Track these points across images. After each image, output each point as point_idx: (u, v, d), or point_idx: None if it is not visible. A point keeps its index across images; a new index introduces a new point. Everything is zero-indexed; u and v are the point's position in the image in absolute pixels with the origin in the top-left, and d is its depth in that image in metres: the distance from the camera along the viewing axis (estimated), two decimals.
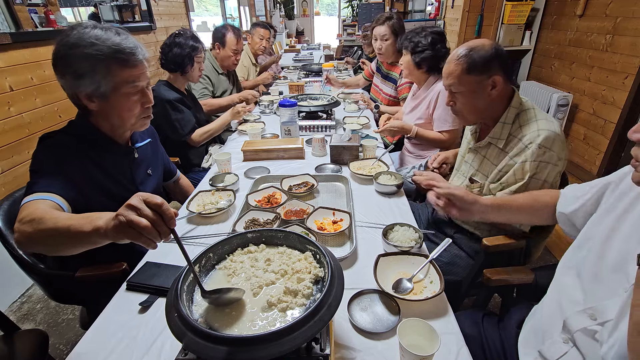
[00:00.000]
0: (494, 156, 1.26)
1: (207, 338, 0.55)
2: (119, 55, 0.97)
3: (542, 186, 1.14)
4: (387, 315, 0.86)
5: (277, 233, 0.82)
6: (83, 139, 1.08)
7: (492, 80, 1.17)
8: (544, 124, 1.13)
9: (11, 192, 1.22)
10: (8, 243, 1.11)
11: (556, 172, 1.14)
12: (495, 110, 1.23)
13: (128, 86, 1.02)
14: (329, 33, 11.90)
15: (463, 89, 1.22)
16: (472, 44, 1.19)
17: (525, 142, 1.14)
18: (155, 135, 1.41)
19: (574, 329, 0.73)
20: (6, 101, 2.02)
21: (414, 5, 5.40)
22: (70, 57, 0.94)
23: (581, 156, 3.13)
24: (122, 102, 1.03)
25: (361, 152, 1.72)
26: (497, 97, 1.20)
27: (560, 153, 1.12)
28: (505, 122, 1.21)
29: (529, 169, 1.12)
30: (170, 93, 1.94)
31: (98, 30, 0.96)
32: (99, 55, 0.94)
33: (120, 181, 1.16)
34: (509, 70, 1.19)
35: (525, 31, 3.60)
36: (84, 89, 0.98)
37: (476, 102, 1.22)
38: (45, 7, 2.44)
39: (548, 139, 1.10)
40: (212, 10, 10.00)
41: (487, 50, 1.16)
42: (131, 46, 0.99)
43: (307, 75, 3.72)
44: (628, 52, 2.58)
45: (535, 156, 1.11)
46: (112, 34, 0.98)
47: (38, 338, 1.11)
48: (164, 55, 1.95)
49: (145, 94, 1.08)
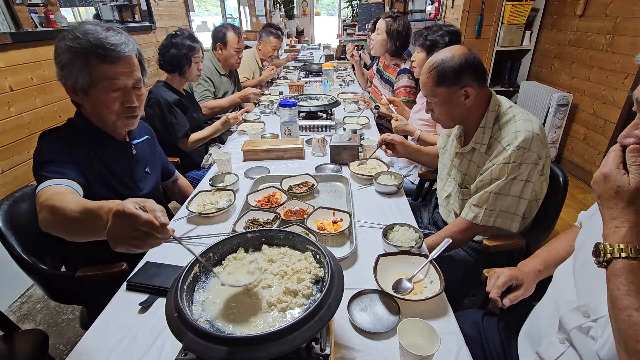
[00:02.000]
0: (479, 160, 1.26)
1: (207, 338, 0.55)
2: (97, 50, 0.97)
3: (525, 186, 1.15)
4: (387, 315, 0.86)
5: (277, 233, 0.82)
6: (83, 133, 1.10)
7: (464, 91, 1.18)
8: (522, 125, 1.13)
9: (11, 192, 1.22)
10: (8, 243, 1.11)
11: (537, 171, 1.14)
12: (474, 116, 1.23)
13: (106, 82, 1.01)
14: (329, 33, 11.89)
15: (436, 100, 1.24)
16: (442, 56, 1.19)
17: (503, 144, 1.15)
18: (153, 134, 1.42)
19: (568, 327, 0.73)
20: (6, 101, 2.02)
21: (414, 5, 5.40)
22: (57, 49, 0.98)
23: (581, 156, 3.13)
24: (101, 97, 1.03)
25: (361, 152, 1.72)
26: (473, 105, 1.21)
27: (540, 152, 1.12)
28: (486, 126, 1.21)
29: (509, 170, 1.13)
30: (169, 94, 1.94)
31: (90, 26, 0.98)
32: (77, 47, 0.96)
33: (120, 176, 1.17)
34: (482, 77, 1.19)
35: (525, 31, 3.61)
36: (66, 81, 1.01)
37: (451, 111, 1.24)
38: (45, 7, 2.44)
39: (526, 140, 1.10)
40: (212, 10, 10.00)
41: (456, 62, 1.15)
42: (113, 42, 0.98)
43: (307, 75, 3.71)
44: (628, 52, 2.58)
45: (514, 158, 1.11)
46: (101, 29, 0.98)
47: (38, 338, 1.11)
48: (162, 56, 1.94)
49: (127, 94, 1.06)
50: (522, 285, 0.93)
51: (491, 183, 1.17)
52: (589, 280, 0.73)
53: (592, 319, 0.69)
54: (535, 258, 1.01)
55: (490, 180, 1.17)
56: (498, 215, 1.19)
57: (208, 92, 2.50)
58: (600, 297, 0.67)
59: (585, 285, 0.74)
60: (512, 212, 1.18)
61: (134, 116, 1.12)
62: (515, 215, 1.18)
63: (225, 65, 2.65)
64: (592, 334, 0.69)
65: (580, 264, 0.77)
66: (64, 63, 0.98)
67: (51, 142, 1.04)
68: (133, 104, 1.08)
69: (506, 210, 1.18)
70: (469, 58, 1.16)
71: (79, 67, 0.98)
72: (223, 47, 2.57)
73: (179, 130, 1.93)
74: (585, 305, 0.71)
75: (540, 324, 0.85)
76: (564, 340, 0.75)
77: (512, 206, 1.17)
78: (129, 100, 1.07)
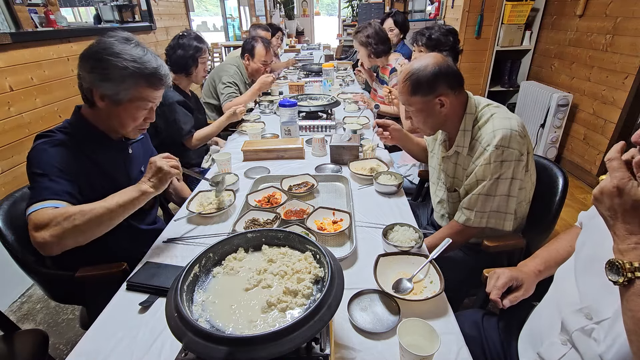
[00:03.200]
0: (464, 162, 1.27)
1: (207, 338, 0.55)
2: (152, 78, 1.08)
3: (512, 184, 1.15)
4: (387, 315, 0.86)
5: (277, 233, 0.82)
6: (79, 135, 1.11)
7: (439, 100, 1.18)
8: (499, 123, 1.14)
9: (11, 192, 1.22)
10: (8, 243, 1.11)
11: (521, 167, 1.14)
12: (453, 121, 1.24)
13: (143, 102, 1.11)
14: (329, 33, 11.90)
15: (413, 109, 1.25)
16: (417, 64, 1.19)
17: (484, 144, 1.15)
18: (147, 135, 1.42)
19: (571, 329, 0.73)
20: (6, 101, 2.02)
21: (414, 5, 5.40)
22: (107, 62, 1.01)
23: (581, 156, 3.13)
24: (130, 112, 1.11)
25: (361, 152, 1.72)
26: (450, 113, 1.21)
27: (521, 148, 1.12)
28: (465, 129, 1.22)
29: (492, 170, 1.13)
30: (174, 94, 1.95)
31: (140, 50, 1.06)
32: (136, 71, 1.04)
33: (116, 177, 1.18)
34: (458, 84, 1.20)
35: (525, 31, 3.61)
36: (103, 90, 1.04)
37: (427, 120, 1.25)
38: (45, 7, 2.44)
39: (504, 138, 1.10)
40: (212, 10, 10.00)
41: (429, 71, 1.16)
42: (164, 73, 1.11)
43: (307, 75, 3.71)
44: (628, 52, 2.58)
45: (495, 157, 1.12)
46: (151, 56, 1.09)
47: (38, 338, 1.11)
48: (168, 57, 1.97)
49: (152, 112, 1.17)
50: (522, 285, 0.93)
51: (477, 185, 1.18)
52: (590, 282, 0.72)
53: (595, 321, 0.69)
54: (535, 258, 1.00)
55: (476, 182, 1.18)
56: (490, 216, 1.19)
57: (235, 93, 2.50)
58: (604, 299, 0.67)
59: (587, 286, 0.73)
60: (504, 212, 1.19)
61: (146, 128, 1.22)
62: (507, 214, 1.19)
63: (250, 75, 2.67)
64: (595, 336, 0.68)
65: (582, 265, 0.77)
66: (110, 77, 1.02)
67: (45, 149, 1.03)
68: (153, 120, 1.19)
69: (497, 210, 1.19)
70: (443, 67, 1.16)
71: (127, 86, 1.04)
72: (250, 58, 2.60)
73: (183, 127, 1.94)
74: (588, 307, 0.71)
75: (541, 324, 0.85)
76: (565, 342, 0.75)
77: (502, 206, 1.18)
78: (151, 117, 1.18)
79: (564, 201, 1.25)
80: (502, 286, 0.91)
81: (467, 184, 1.21)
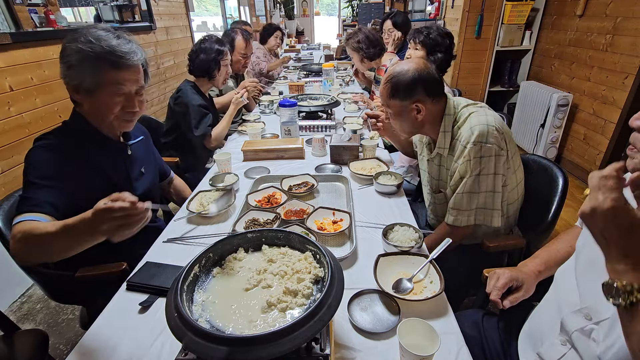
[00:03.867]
0: (447, 163, 1.28)
1: (207, 338, 0.55)
2: (109, 56, 1.01)
3: (495, 179, 1.15)
4: (387, 315, 0.86)
5: (277, 233, 0.82)
6: (77, 137, 1.10)
7: (415, 105, 1.20)
8: (476, 119, 1.15)
9: (11, 192, 1.22)
10: (8, 243, 1.10)
11: (502, 162, 1.14)
12: (432, 125, 1.26)
13: (113, 87, 1.04)
14: (329, 33, 11.89)
15: (390, 111, 1.27)
16: (399, 68, 1.21)
17: (463, 142, 1.16)
18: (148, 135, 1.42)
19: (570, 329, 0.73)
20: (6, 101, 2.02)
21: (414, 5, 5.41)
22: (66, 49, 1.00)
23: (581, 156, 3.13)
24: (104, 100, 1.06)
25: (361, 152, 1.72)
26: (427, 118, 1.22)
27: (499, 143, 1.12)
28: (445, 130, 1.24)
29: (472, 167, 1.14)
30: (197, 97, 2.00)
31: (102, 32, 1.02)
32: (89, 51, 0.99)
33: (115, 178, 1.17)
34: (436, 92, 1.21)
35: (525, 31, 3.61)
36: (71, 80, 1.03)
37: (403, 123, 1.27)
38: (45, 7, 2.44)
39: (482, 134, 1.11)
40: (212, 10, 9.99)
41: (409, 77, 1.17)
42: (124, 50, 1.03)
43: (307, 75, 3.71)
44: (628, 52, 2.58)
45: (474, 153, 1.13)
46: (112, 36, 1.02)
47: (38, 338, 1.11)
48: (192, 62, 2.02)
49: (130, 99, 1.09)
50: (522, 286, 0.93)
51: (460, 183, 1.19)
52: (591, 283, 0.72)
53: (595, 322, 0.69)
54: (535, 258, 1.00)
55: (460, 179, 1.19)
56: (477, 213, 1.20)
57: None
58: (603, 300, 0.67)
59: (587, 287, 0.73)
60: (490, 208, 1.19)
61: (132, 120, 1.15)
62: (493, 210, 1.19)
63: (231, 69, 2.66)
64: (594, 336, 0.68)
65: (582, 266, 0.77)
66: (72, 64, 1.00)
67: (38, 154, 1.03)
68: (134, 109, 1.11)
69: (483, 207, 1.19)
70: (423, 74, 1.18)
71: (87, 69, 1.00)
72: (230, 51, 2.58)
73: (203, 128, 1.98)
74: (588, 308, 0.71)
75: (541, 324, 0.85)
76: (565, 342, 0.75)
77: (488, 202, 1.18)
78: (131, 106, 1.10)
79: (564, 201, 1.25)
80: (502, 287, 0.91)
81: (452, 184, 1.22)
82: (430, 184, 1.40)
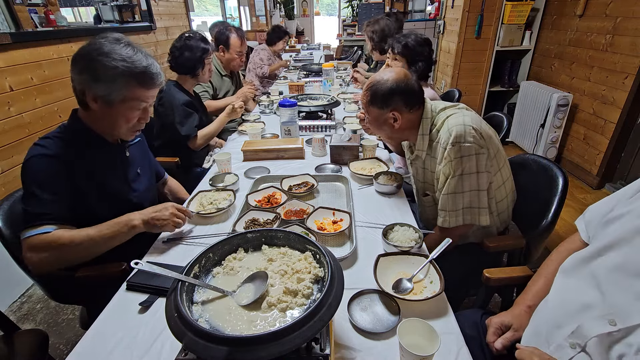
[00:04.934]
0: (430, 165, 1.29)
1: (207, 338, 0.55)
2: (143, 77, 1.07)
3: (479, 178, 1.15)
4: (387, 315, 0.86)
5: (277, 233, 0.82)
6: (76, 140, 1.11)
7: (392, 114, 1.23)
8: (453, 120, 1.16)
9: (11, 192, 1.22)
10: (8, 243, 1.11)
11: (483, 160, 1.15)
12: (411, 131, 1.28)
13: (135, 102, 1.10)
14: (329, 33, 11.89)
15: (369, 117, 1.31)
16: (379, 77, 1.24)
17: (443, 145, 1.17)
18: (143, 137, 1.42)
19: (589, 335, 0.70)
20: (6, 101, 2.02)
21: (414, 5, 5.41)
22: (97, 62, 1.02)
23: (581, 156, 3.13)
24: (123, 112, 1.10)
25: (361, 152, 1.72)
26: (403, 126, 1.25)
27: (479, 141, 1.13)
28: (423, 133, 1.25)
29: (454, 167, 1.15)
30: (180, 95, 1.96)
31: (130, 50, 1.06)
32: (125, 70, 1.03)
33: (113, 179, 1.18)
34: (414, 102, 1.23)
35: (525, 31, 3.61)
36: (95, 91, 1.04)
37: (381, 129, 1.31)
38: (45, 7, 2.44)
39: (459, 134, 1.12)
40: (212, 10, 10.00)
41: (387, 86, 1.20)
42: (154, 72, 1.10)
43: (307, 75, 3.71)
44: (628, 52, 2.58)
45: (453, 154, 1.13)
46: (141, 56, 1.08)
47: (38, 338, 1.11)
48: (174, 58, 1.97)
49: (145, 112, 1.16)
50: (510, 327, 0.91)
51: (446, 181, 1.19)
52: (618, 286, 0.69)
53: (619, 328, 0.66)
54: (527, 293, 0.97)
55: (445, 181, 1.19)
56: (464, 212, 1.20)
57: (206, 93, 2.49)
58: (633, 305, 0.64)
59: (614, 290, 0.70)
60: (477, 207, 1.19)
61: (139, 130, 1.21)
62: (480, 208, 1.19)
63: (226, 67, 2.66)
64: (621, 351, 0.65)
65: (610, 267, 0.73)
66: (101, 78, 1.02)
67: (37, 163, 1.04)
68: (147, 121, 1.18)
69: (469, 207, 1.19)
70: (401, 85, 1.20)
71: (118, 85, 1.04)
72: (225, 50, 2.58)
73: (189, 127, 1.96)
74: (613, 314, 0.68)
75: (545, 325, 0.84)
76: (575, 345, 0.73)
77: (473, 201, 1.18)
78: (145, 118, 1.17)
79: (564, 201, 1.24)
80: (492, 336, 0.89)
81: (440, 186, 1.23)
82: (416, 186, 1.41)
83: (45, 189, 1.02)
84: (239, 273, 0.76)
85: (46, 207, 1.01)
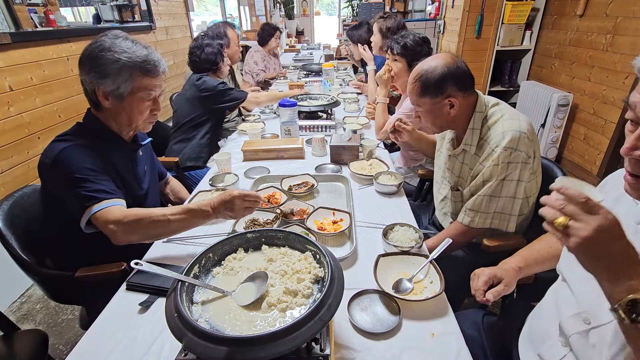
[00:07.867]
0: (470, 161, 1.27)
1: (207, 338, 0.55)
2: (145, 65, 1.10)
3: (518, 186, 1.15)
4: (387, 316, 0.86)
5: (277, 233, 0.82)
6: (94, 136, 1.14)
7: (448, 101, 1.18)
8: (509, 124, 1.14)
9: (11, 192, 1.22)
10: (8, 243, 1.10)
11: (527, 170, 1.14)
12: (462, 120, 1.24)
13: (144, 92, 1.13)
14: (329, 33, 11.89)
15: (421, 109, 1.25)
16: (426, 66, 1.19)
17: (492, 145, 1.15)
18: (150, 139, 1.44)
19: (568, 332, 0.72)
20: (6, 101, 2.02)
21: (414, 5, 5.41)
22: (101, 59, 1.06)
23: (581, 156, 3.13)
24: (135, 105, 1.13)
25: (361, 152, 1.72)
26: (458, 114, 1.21)
27: (528, 151, 1.12)
28: (474, 127, 1.22)
29: (499, 172, 1.13)
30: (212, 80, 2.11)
31: (129, 42, 1.10)
32: (127, 61, 1.07)
33: (125, 176, 1.21)
34: (468, 85, 1.21)
35: (526, 31, 3.60)
36: (104, 87, 1.08)
37: (436, 121, 1.25)
38: (45, 7, 2.44)
39: (513, 139, 1.10)
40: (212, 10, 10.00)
41: (438, 73, 1.16)
42: (155, 59, 1.13)
43: (307, 75, 3.71)
44: (628, 52, 2.58)
45: (503, 158, 1.12)
46: (140, 46, 1.12)
47: (38, 338, 1.11)
48: (197, 57, 2.10)
49: (156, 102, 1.19)
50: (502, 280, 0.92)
51: (483, 185, 1.17)
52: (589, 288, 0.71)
53: (593, 326, 0.68)
54: (516, 256, 1.01)
55: (483, 182, 1.18)
56: (493, 217, 1.19)
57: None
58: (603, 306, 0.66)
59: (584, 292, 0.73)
60: (508, 213, 1.18)
61: (154, 122, 1.25)
62: (510, 215, 1.19)
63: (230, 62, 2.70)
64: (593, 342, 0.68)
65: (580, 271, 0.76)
66: (108, 72, 1.06)
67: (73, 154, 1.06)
68: (159, 111, 1.22)
69: (501, 212, 1.19)
70: (452, 68, 1.16)
71: (124, 77, 1.08)
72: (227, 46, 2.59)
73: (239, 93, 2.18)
74: (586, 312, 0.70)
75: (541, 325, 0.85)
76: (565, 344, 0.75)
77: (506, 207, 1.18)
78: (157, 108, 1.20)
79: None
80: (483, 285, 0.91)
81: (473, 185, 1.21)
82: (449, 180, 1.37)
83: (98, 171, 1.07)
84: (239, 273, 0.76)
85: (103, 185, 1.06)
